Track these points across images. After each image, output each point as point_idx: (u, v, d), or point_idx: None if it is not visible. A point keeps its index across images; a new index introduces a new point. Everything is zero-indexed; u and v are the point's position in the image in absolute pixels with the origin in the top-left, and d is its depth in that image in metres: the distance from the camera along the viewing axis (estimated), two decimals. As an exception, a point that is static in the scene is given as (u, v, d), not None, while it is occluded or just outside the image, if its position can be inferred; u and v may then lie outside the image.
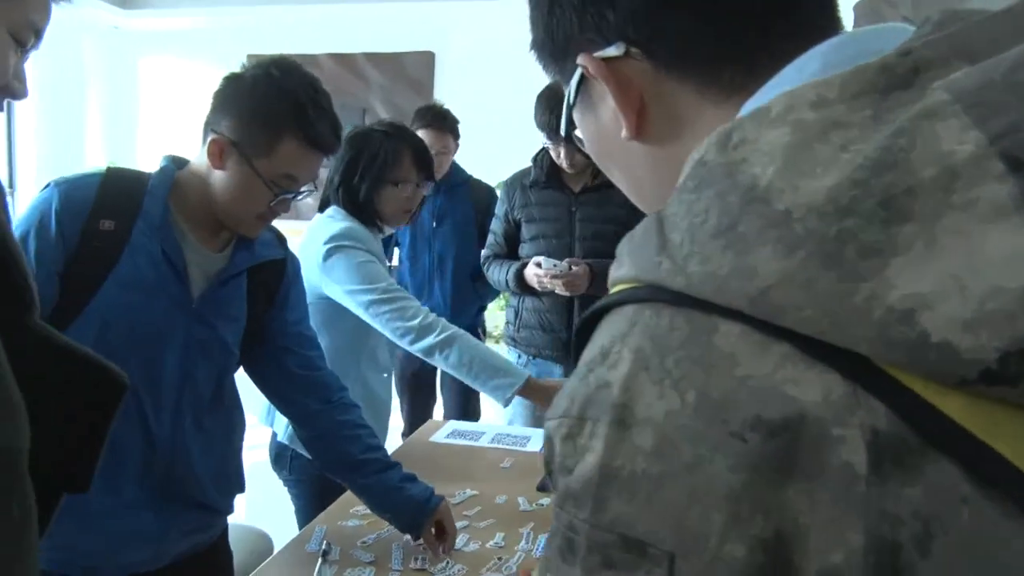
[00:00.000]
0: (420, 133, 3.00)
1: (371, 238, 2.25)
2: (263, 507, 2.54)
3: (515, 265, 2.90)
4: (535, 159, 3.00)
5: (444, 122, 3.35)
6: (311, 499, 2.20)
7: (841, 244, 0.38)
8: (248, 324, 1.61)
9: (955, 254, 0.36)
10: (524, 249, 2.97)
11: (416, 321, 2.12)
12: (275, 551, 1.80)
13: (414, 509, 1.72)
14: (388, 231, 2.44)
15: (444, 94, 7.70)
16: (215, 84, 1.53)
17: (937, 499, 0.36)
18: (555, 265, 2.75)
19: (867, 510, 0.37)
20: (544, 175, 2.94)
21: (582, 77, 0.60)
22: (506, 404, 2.13)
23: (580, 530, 0.42)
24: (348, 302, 2.13)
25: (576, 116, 0.64)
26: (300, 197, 1.56)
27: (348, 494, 1.99)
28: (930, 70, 0.41)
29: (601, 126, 0.61)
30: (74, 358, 0.78)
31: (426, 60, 7.71)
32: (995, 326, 0.35)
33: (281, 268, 1.69)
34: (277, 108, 1.47)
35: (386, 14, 7.49)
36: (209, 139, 1.48)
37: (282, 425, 2.13)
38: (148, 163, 1.66)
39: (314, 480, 2.16)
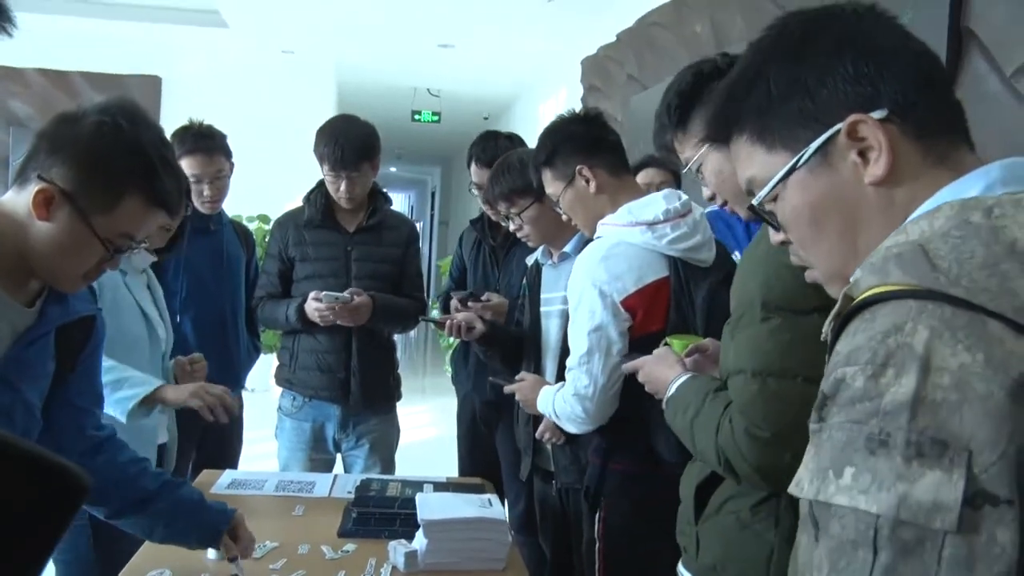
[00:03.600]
0: (184, 162, 2.77)
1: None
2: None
3: (295, 301, 2.84)
4: (308, 198, 2.97)
5: (211, 141, 2.88)
6: (74, 552, 2.00)
7: None
8: (51, 383, 1.46)
9: None
10: (299, 288, 2.91)
11: None
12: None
13: (215, 519, 1.72)
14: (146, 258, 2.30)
15: (171, 121, 7.30)
16: None
17: None
18: (336, 298, 2.73)
19: None
20: (319, 214, 2.91)
21: (831, 137, 0.81)
22: (127, 418, 2.02)
23: (895, 433, 0.62)
24: None
25: (797, 178, 0.84)
26: (134, 253, 1.45)
27: (141, 556, 1.84)
28: None
29: (837, 180, 0.82)
30: (21, 458, 0.67)
31: (152, 84, 7.29)
32: None
33: (91, 323, 1.54)
34: (124, 164, 1.34)
35: (107, 32, 7.00)
36: (36, 187, 1.31)
37: None
38: None
39: (86, 553, 1.98)
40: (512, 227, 2.48)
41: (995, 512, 0.59)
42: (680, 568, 1.56)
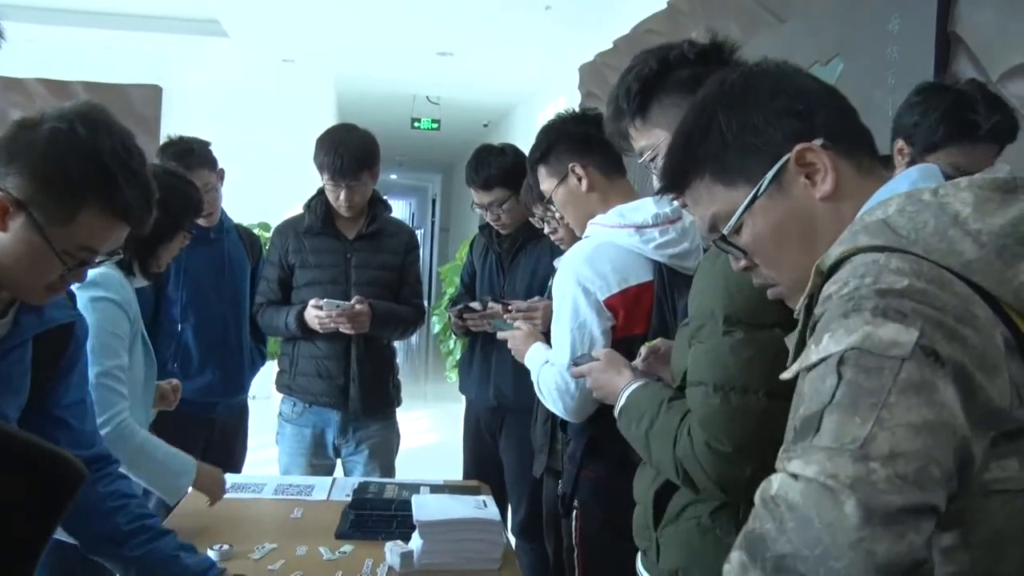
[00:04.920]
0: None
1: (126, 286, 2.08)
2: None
3: (295, 308, 2.87)
4: (308, 205, 3.00)
5: (191, 158, 2.84)
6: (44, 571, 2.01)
7: (1004, 249, 0.79)
8: (29, 395, 1.44)
9: None
10: (299, 295, 2.94)
11: (107, 415, 1.90)
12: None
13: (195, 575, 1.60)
14: (140, 281, 2.23)
15: (172, 130, 7.33)
16: None
17: (1020, 375, 0.78)
18: (338, 306, 2.76)
19: (1009, 368, 0.77)
20: (319, 221, 2.94)
21: (782, 166, 0.97)
22: (173, 505, 2.15)
23: (866, 302, 0.77)
24: None
25: (759, 205, 0.98)
26: (99, 265, 1.39)
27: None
28: (1020, 189, 0.83)
29: (793, 201, 0.98)
30: (10, 445, 0.71)
31: (153, 94, 7.33)
32: None
33: (69, 330, 1.50)
34: (80, 173, 1.28)
35: (108, 42, 7.05)
36: None
37: None
38: None
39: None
40: (547, 229, 2.51)
41: (937, 365, 0.74)
42: (640, 568, 1.57)
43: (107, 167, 1.29)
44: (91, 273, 1.81)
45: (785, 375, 0.86)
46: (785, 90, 1.01)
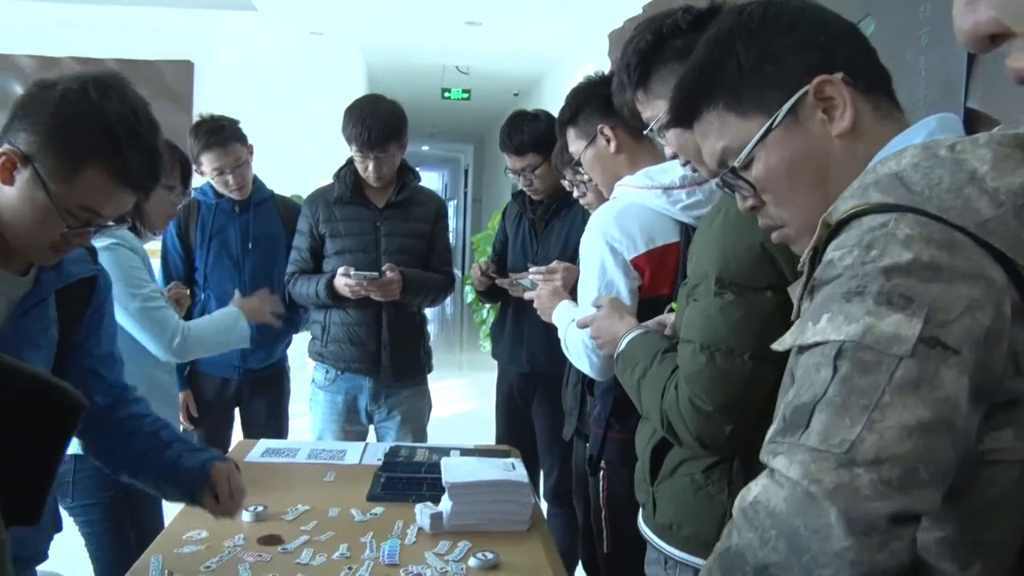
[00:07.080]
0: (205, 158, 2.94)
1: (135, 239, 2.36)
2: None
3: (325, 276, 2.90)
4: (337, 175, 3.03)
5: (223, 134, 2.97)
6: (108, 523, 2.15)
7: (1021, 209, 0.74)
8: (58, 349, 1.49)
9: None
10: (329, 264, 2.98)
11: (171, 331, 2.39)
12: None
13: (192, 479, 1.65)
14: (147, 236, 2.54)
15: (204, 106, 7.40)
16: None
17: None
18: (366, 276, 2.79)
19: (1012, 333, 0.74)
20: (349, 191, 2.96)
21: (800, 98, 0.94)
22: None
23: (870, 285, 0.74)
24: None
25: (773, 138, 0.96)
26: (104, 231, 1.42)
27: (178, 520, 1.92)
28: None
29: (808, 135, 0.95)
30: (16, 378, 0.75)
31: (185, 70, 7.37)
32: None
33: (91, 285, 1.56)
34: (84, 133, 1.31)
35: (140, 19, 7.10)
36: (0, 150, 1.31)
37: None
38: None
39: (109, 502, 2.12)
40: (576, 194, 2.52)
41: (944, 354, 0.71)
42: (640, 522, 1.62)
43: (112, 130, 1.33)
44: None
45: (777, 346, 0.84)
46: (806, 22, 0.98)
